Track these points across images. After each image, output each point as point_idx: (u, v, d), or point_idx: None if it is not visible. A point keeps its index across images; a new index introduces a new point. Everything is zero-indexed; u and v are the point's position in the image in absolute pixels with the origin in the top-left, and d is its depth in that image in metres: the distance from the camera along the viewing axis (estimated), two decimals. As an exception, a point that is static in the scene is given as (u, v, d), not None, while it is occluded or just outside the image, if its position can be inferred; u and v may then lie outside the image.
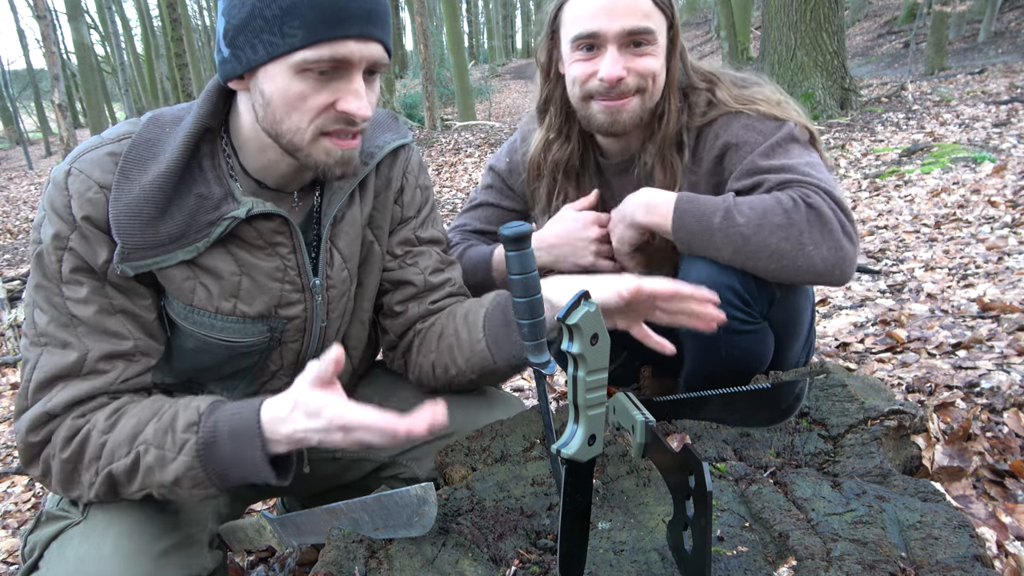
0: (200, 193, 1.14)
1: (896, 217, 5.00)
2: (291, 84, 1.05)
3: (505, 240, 0.97)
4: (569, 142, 1.63)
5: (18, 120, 20.44)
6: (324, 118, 1.08)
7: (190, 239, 1.13)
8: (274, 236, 1.21)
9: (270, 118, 1.09)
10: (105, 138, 1.15)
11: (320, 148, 1.11)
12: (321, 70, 1.04)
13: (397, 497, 1.00)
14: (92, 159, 1.11)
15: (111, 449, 1.08)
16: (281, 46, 1.02)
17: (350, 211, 1.31)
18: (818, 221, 1.29)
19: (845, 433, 1.21)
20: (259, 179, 1.21)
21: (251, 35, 1.03)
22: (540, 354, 1.04)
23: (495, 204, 1.81)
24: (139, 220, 1.08)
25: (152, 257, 1.11)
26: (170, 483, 1.07)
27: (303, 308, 1.27)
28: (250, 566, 1.87)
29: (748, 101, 1.49)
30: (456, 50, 18.90)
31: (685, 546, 0.86)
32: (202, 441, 1.05)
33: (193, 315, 1.18)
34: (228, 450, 1.05)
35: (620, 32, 1.40)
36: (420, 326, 1.42)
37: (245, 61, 1.05)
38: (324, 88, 1.06)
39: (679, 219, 1.37)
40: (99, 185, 1.09)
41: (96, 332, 1.11)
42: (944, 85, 11.56)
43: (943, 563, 0.87)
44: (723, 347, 1.41)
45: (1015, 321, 2.44)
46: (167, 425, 1.08)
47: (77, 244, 1.09)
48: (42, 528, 1.17)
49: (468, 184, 9.76)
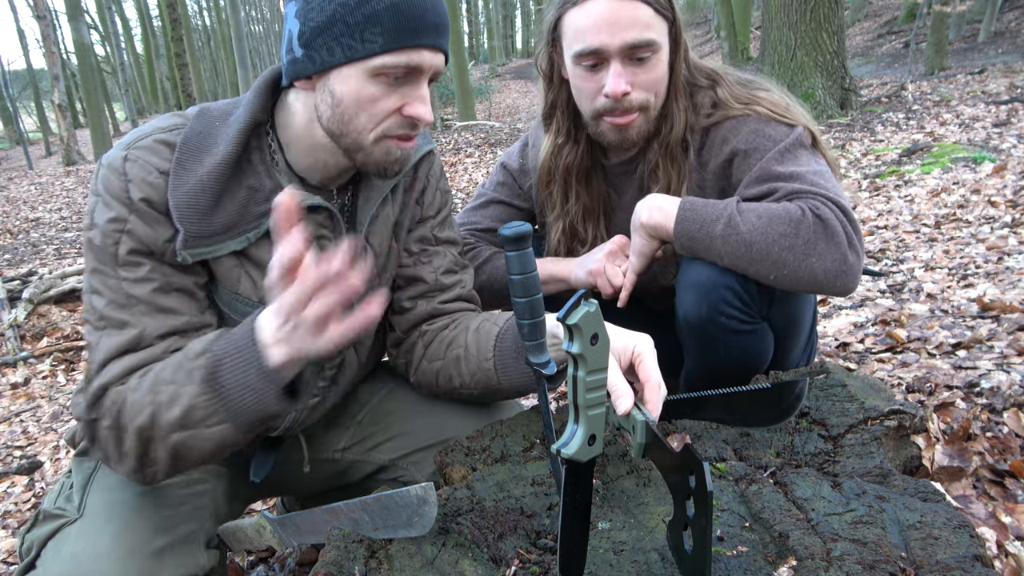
0: (251, 185, 1.17)
1: (896, 217, 4.99)
2: (364, 86, 1.10)
3: (505, 240, 0.97)
4: (578, 145, 1.63)
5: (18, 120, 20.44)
6: (391, 122, 1.14)
7: (241, 229, 1.17)
8: (319, 229, 1.24)
9: (338, 118, 1.13)
10: (157, 126, 1.18)
11: (382, 148, 1.16)
12: (395, 75, 1.10)
13: (397, 497, 1.00)
14: (148, 146, 1.14)
15: (138, 404, 1.05)
16: (360, 51, 1.07)
17: (384, 211, 1.35)
18: (824, 233, 1.28)
19: (845, 433, 1.21)
20: (302, 176, 1.24)
21: (330, 38, 1.07)
22: (540, 354, 1.04)
23: (507, 202, 1.81)
24: (197, 209, 1.12)
25: (207, 246, 1.14)
26: (180, 417, 1.03)
27: None
28: (250, 566, 1.87)
29: (751, 100, 1.48)
30: (456, 50, 18.92)
31: (685, 546, 0.86)
32: (210, 364, 1.03)
33: (236, 303, 1.22)
34: (232, 370, 1.02)
35: (622, 47, 1.39)
36: (426, 326, 1.43)
37: (320, 62, 1.09)
38: (394, 93, 1.11)
39: (681, 222, 1.37)
40: (158, 171, 1.12)
41: (153, 310, 1.13)
42: (944, 85, 11.56)
43: (943, 563, 0.87)
44: (722, 347, 1.41)
45: (1015, 321, 2.44)
46: (179, 360, 1.06)
47: (136, 226, 1.11)
48: (40, 526, 1.17)
49: (468, 184, 9.76)
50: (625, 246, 1.56)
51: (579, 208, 1.67)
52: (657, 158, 1.54)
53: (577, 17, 1.43)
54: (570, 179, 1.65)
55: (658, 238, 1.44)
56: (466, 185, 9.73)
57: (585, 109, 1.52)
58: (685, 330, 1.44)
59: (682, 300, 1.41)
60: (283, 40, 1.15)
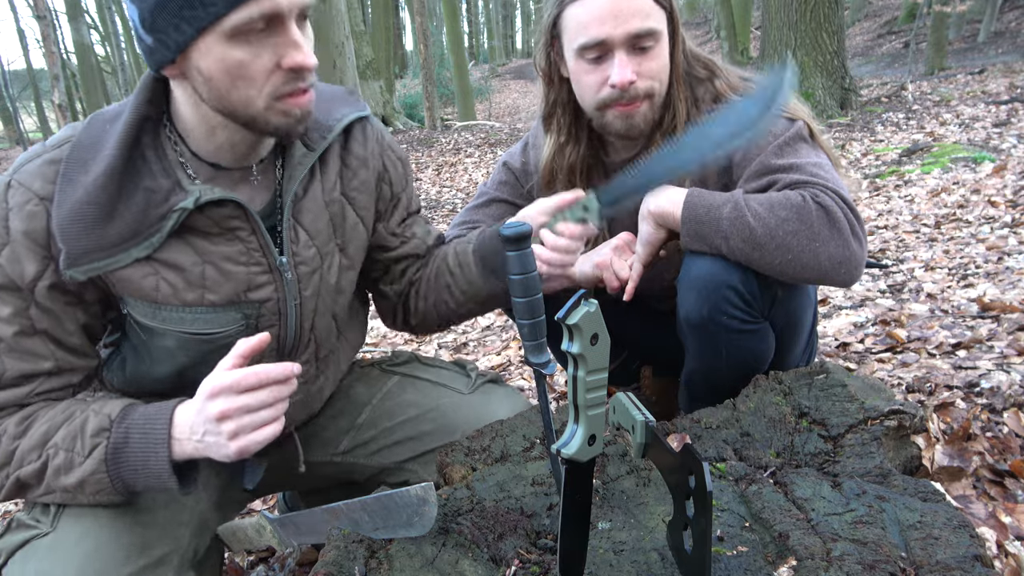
0: (148, 187, 1.09)
1: (896, 217, 5.00)
2: (227, 53, 1.00)
3: (505, 240, 0.97)
4: (580, 143, 1.63)
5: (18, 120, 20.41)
6: (273, 81, 1.04)
7: (143, 235, 1.09)
8: (229, 221, 1.16)
9: (216, 94, 1.05)
10: (47, 145, 1.12)
11: (277, 111, 1.07)
12: (257, 30, 1.00)
13: (397, 497, 1.00)
14: (32, 169, 1.08)
15: (21, 455, 1.08)
16: (204, 17, 0.97)
17: (312, 187, 1.27)
18: (827, 220, 1.29)
19: (845, 433, 1.21)
20: (213, 162, 1.17)
21: (171, 15, 0.98)
22: (540, 354, 1.04)
23: (508, 201, 1.81)
24: (83, 223, 1.05)
25: (104, 259, 1.07)
26: (73, 486, 1.08)
27: (273, 289, 1.23)
28: (250, 566, 1.87)
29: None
30: (456, 50, 18.90)
31: (685, 546, 0.86)
32: (111, 447, 1.07)
33: (161, 312, 1.15)
34: (135, 457, 1.07)
35: (626, 37, 1.40)
36: (415, 277, 1.50)
37: (173, 44, 1.00)
38: (263, 50, 1.02)
39: (689, 208, 1.37)
40: (39, 196, 1.06)
41: (15, 351, 1.09)
42: (944, 85, 11.56)
43: (943, 563, 0.87)
44: (723, 346, 1.41)
45: (1015, 321, 2.44)
46: (77, 430, 1.08)
47: (6, 260, 1.06)
48: (10, 535, 1.13)
49: (468, 184, 9.76)
50: (631, 242, 1.56)
51: None
52: None
53: (578, 11, 1.43)
54: (573, 177, 1.65)
55: (665, 227, 1.44)
56: (466, 185, 9.72)
57: (589, 102, 1.52)
58: (686, 330, 1.44)
59: (683, 299, 1.41)
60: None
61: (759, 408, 1.30)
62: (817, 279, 1.32)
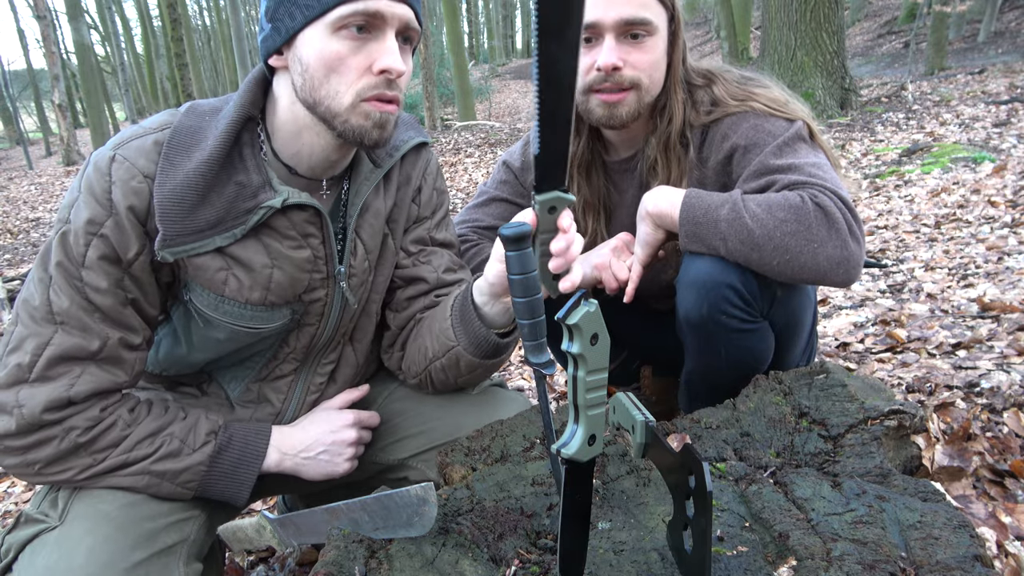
0: (240, 181, 1.15)
1: (896, 217, 5.00)
2: (328, 44, 1.09)
3: (505, 240, 0.96)
4: (579, 138, 1.63)
5: (18, 120, 20.44)
6: (363, 82, 1.11)
7: (227, 225, 1.15)
8: (306, 227, 1.23)
9: (309, 85, 1.12)
10: (148, 126, 1.16)
11: (359, 112, 1.13)
12: (357, 25, 1.08)
13: (397, 497, 1.00)
14: (137, 147, 1.12)
15: (134, 441, 1.17)
16: (316, 7, 1.07)
17: (375, 202, 1.33)
18: (825, 220, 1.29)
19: (845, 433, 1.21)
20: (291, 165, 1.22)
21: (288, 5, 1.09)
22: (540, 354, 1.04)
23: (509, 200, 1.81)
24: (182, 206, 1.10)
25: (191, 243, 1.12)
26: (173, 473, 1.18)
27: (325, 293, 1.30)
28: (250, 566, 1.87)
29: (748, 96, 1.49)
30: (456, 50, 18.91)
31: (685, 546, 0.86)
32: (217, 447, 1.22)
33: (223, 305, 1.20)
34: (230, 462, 1.23)
35: (617, 21, 1.40)
36: (419, 316, 1.46)
37: (284, 30, 1.10)
38: (360, 50, 1.10)
39: (687, 209, 1.37)
40: (143, 174, 1.11)
41: (114, 321, 1.14)
42: (944, 85, 11.56)
43: (943, 563, 0.87)
44: (723, 346, 1.41)
45: (1015, 321, 2.44)
46: (192, 425, 1.22)
47: (111, 232, 1.10)
48: (19, 530, 1.15)
49: (468, 184, 9.76)
50: (630, 243, 1.56)
51: (579, 201, 1.67)
52: (656, 153, 1.54)
53: None
54: (573, 173, 1.65)
55: (663, 228, 1.44)
56: (466, 185, 9.72)
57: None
58: (686, 329, 1.44)
59: (683, 299, 1.41)
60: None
61: (759, 408, 1.30)
62: (816, 279, 1.32)
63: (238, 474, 1.24)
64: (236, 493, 1.24)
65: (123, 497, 1.17)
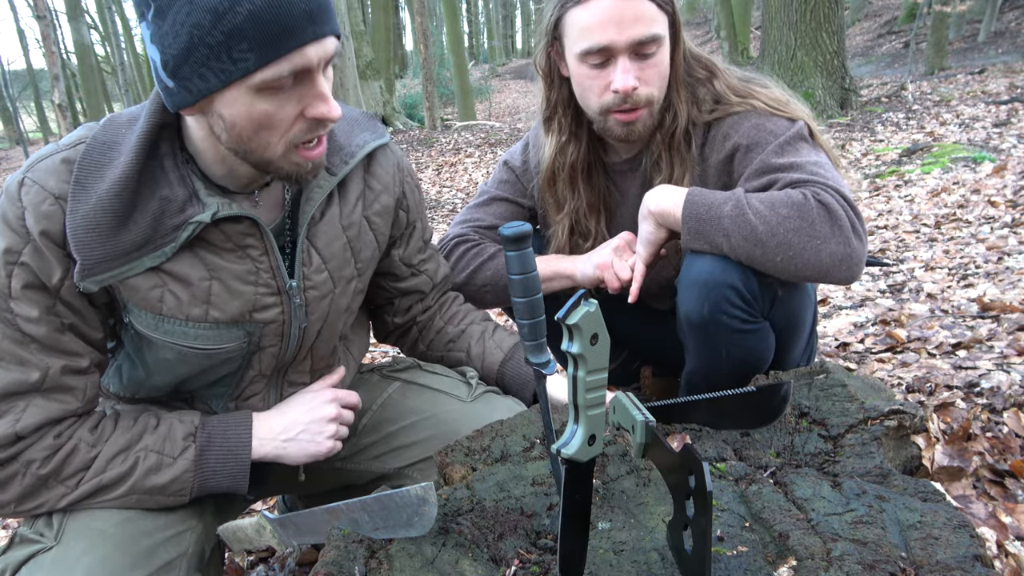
0: (164, 196, 1.08)
1: (896, 217, 5.00)
2: (254, 105, 0.99)
3: (505, 240, 0.97)
4: (580, 142, 1.64)
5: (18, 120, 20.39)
6: (296, 129, 1.04)
7: (156, 244, 1.08)
8: (243, 238, 1.16)
9: (236, 139, 1.04)
10: (61, 144, 1.09)
11: (291, 161, 1.07)
12: (284, 85, 0.99)
13: (397, 497, 1.00)
14: (46, 167, 1.06)
15: (104, 460, 1.12)
16: (235, 72, 0.95)
17: (329, 211, 1.26)
18: (828, 217, 1.29)
19: (845, 433, 1.21)
20: (221, 184, 1.16)
21: (196, 65, 0.95)
22: (540, 354, 1.04)
23: (509, 199, 1.81)
24: (97, 232, 1.03)
25: (117, 268, 1.06)
26: (161, 487, 1.15)
27: (280, 311, 1.23)
28: (250, 566, 1.87)
29: (748, 94, 1.50)
30: (456, 50, 18.91)
31: (685, 546, 0.86)
32: (198, 449, 1.17)
33: (163, 324, 1.14)
34: (218, 458, 1.19)
35: (630, 43, 1.40)
36: (421, 318, 1.53)
37: (196, 91, 0.98)
38: (288, 101, 1.01)
39: (689, 206, 1.37)
40: (54, 195, 1.04)
41: (52, 349, 1.09)
42: (944, 85, 11.56)
43: (943, 563, 0.87)
44: (724, 346, 1.41)
45: (1015, 321, 2.44)
46: (165, 434, 1.17)
47: (30, 259, 1.04)
48: (14, 550, 1.11)
49: (468, 184, 9.76)
50: (632, 242, 1.57)
51: (582, 203, 1.67)
52: (660, 150, 1.55)
53: (581, 15, 1.43)
54: (575, 175, 1.66)
55: (666, 226, 1.44)
56: (466, 185, 9.72)
57: (592, 106, 1.52)
58: (686, 329, 1.44)
59: (683, 299, 1.41)
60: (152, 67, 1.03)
61: (759, 408, 1.30)
62: (818, 277, 1.32)
63: (229, 468, 1.19)
64: (234, 484, 1.21)
65: (119, 514, 1.14)
